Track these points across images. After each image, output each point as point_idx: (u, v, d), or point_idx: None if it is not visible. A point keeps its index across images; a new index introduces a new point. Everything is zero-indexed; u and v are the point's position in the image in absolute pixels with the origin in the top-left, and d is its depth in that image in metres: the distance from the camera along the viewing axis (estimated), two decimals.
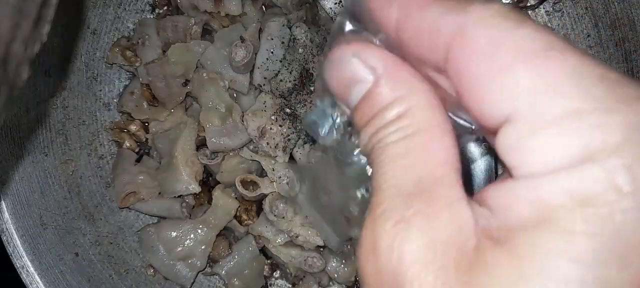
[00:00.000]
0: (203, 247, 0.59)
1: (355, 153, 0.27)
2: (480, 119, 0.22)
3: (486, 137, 0.25)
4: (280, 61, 0.58)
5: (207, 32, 0.61)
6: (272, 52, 0.57)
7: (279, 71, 0.58)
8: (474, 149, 0.55)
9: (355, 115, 0.25)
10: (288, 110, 0.57)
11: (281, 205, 0.58)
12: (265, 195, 0.58)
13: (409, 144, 0.23)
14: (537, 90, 0.20)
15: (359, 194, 0.27)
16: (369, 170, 0.26)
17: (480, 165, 0.55)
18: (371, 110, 0.24)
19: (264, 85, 0.58)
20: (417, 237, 0.21)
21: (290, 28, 0.59)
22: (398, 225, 0.21)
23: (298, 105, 0.57)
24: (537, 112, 0.20)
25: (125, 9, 0.63)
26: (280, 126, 0.56)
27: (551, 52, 0.20)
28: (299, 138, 0.57)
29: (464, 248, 0.21)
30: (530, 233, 0.19)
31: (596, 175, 0.19)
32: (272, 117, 0.56)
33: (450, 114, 0.25)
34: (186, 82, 0.59)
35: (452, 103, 0.24)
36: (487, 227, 0.21)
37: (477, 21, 0.21)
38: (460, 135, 0.25)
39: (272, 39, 0.57)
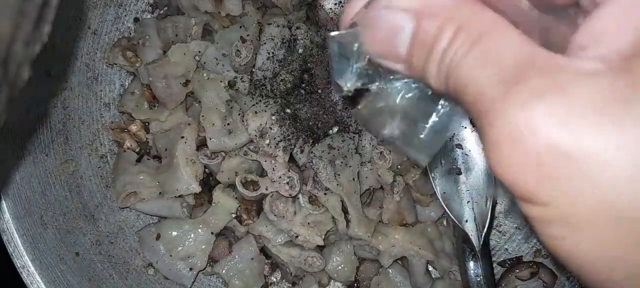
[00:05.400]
0: (203, 247, 0.59)
1: (438, 105, 0.28)
2: None
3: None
4: (280, 61, 0.58)
5: (207, 32, 0.61)
6: (272, 53, 0.58)
7: (279, 71, 0.58)
8: (476, 147, 0.55)
9: (412, 62, 0.26)
10: (288, 110, 0.57)
11: (281, 205, 0.58)
12: (265, 195, 0.58)
13: (482, 47, 0.23)
14: None
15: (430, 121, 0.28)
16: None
17: (479, 162, 0.55)
18: (426, 48, 0.25)
19: (264, 85, 0.58)
20: (559, 104, 0.21)
21: (290, 28, 0.59)
22: (528, 102, 0.21)
23: (298, 105, 0.57)
24: None
25: (125, 9, 0.63)
26: (281, 126, 0.56)
27: None
28: (299, 138, 0.57)
29: (604, 92, 0.21)
30: None
31: None
32: (272, 117, 0.56)
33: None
34: (187, 83, 0.59)
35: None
36: (606, 57, 0.21)
37: None
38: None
39: (272, 40, 0.58)
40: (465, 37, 0.24)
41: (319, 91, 0.57)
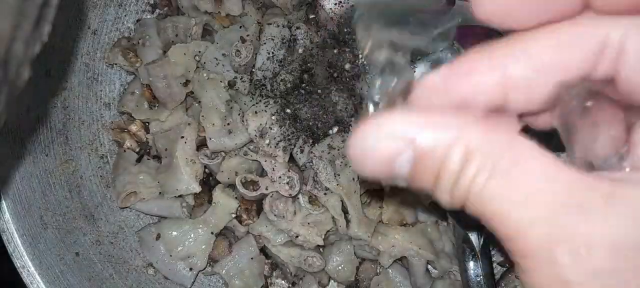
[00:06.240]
0: (203, 247, 0.59)
1: None
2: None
3: None
4: (280, 61, 0.58)
5: (207, 32, 0.61)
6: (272, 53, 0.58)
7: (279, 71, 0.58)
8: None
9: (415, 182, 0.23)
10: (288, 110, 0.57)
11: (281, 205, 0.58)
12: (265, 195, 0.58)
13: (508, 178, 0.21)
14: None
15: None
16: None
17: None
18: (432, 172, 0.22)
19: (264, 85, 0.58)
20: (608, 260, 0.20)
21: (290, 28, 0.59)
22: (576, 256, 0.20)
23: (298, 105, 0.57)
24: None
25: (125, 9, 0.63)
26: (281, 126, 0.56)
27: None
28: (299, 138, 0.57)
29: None
30: None
31: None
32: (272, 117, 0.56)
33: None
34: (187, 83, 0.59)
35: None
36: None
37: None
38: None
39: (272, 40, 0.58)
40: (481, 162, 0.21)
41: (319, 91, 0.57)
